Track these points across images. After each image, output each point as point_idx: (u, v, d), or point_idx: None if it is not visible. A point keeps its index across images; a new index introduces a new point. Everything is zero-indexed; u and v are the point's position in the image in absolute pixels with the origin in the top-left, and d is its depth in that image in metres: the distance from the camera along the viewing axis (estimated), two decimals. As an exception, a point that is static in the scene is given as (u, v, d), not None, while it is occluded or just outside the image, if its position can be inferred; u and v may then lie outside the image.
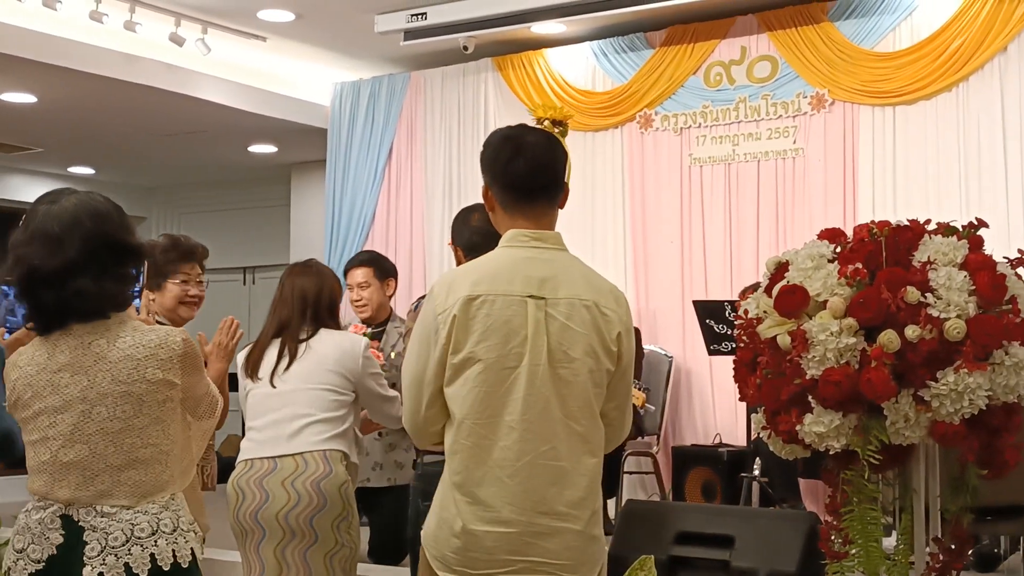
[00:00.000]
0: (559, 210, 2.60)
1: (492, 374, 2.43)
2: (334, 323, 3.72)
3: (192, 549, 2.36)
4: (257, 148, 9.48)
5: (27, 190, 9.82)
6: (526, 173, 2.53)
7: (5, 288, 2.96)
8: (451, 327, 2.44)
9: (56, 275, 2.28)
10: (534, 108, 4.34)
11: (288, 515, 3.42)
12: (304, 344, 3.62)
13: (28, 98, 7.81)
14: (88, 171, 10.49)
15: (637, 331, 6.78)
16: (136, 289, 2.47)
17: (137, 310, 2.78)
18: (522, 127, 2.66)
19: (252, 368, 3.65)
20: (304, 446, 3.49)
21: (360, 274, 5.06)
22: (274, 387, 3.58)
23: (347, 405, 3.60)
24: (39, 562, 2.29)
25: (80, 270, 2.28)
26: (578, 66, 7.62)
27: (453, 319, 2.44)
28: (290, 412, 3.54)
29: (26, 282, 2.31)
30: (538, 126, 2.95)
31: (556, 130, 5.42)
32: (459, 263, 3.48)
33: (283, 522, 3.43)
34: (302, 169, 9.89)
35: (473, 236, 3.57)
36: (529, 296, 2.44)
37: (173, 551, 2.31)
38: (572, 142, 7.50)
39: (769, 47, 7.04)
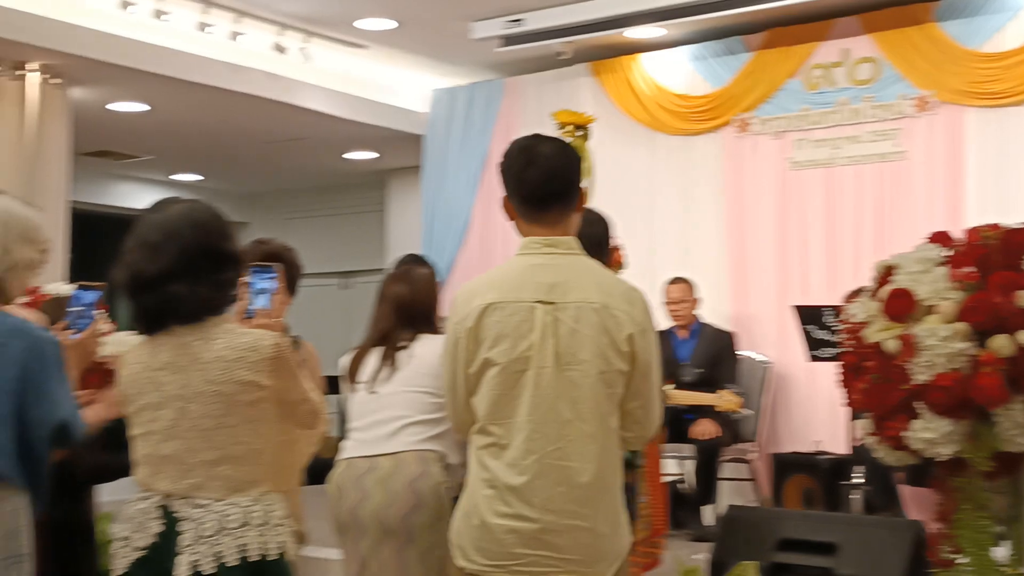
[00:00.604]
0: (577, 214, 2.68)
1: (504, 378, 2.54)
2: (430, 328, 3.76)
3: (281, 543, 2.46)
4: (355, 155, 9.64)
5: (137, 197, 10.12)
6: (539, 182, 2.61)
7: (78, 292, 3.08)
8: (466, 339, 2.58)
9: (155, 280, 2.44)
10: (556, 113, 4.33)
11: (383, 514, 3.48)
12: (405, 351, 3.68)
13: (140, 107, 8.06)
14: (195, 178, 10.77)
15: (733, 335, 6.74)
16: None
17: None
18: (536, 137, 2.72)
19: (352, 374, 3.73)
20: (400, 446, 3.54)
21: None
22: (374, 392, 3.66)
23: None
24: (141, 549, 2.43)
25: (176, 277, 2.43)
26: (675, 70, 7.59)
27: (468, 331, 2.58)
28: (388, 414, 3.60)
29: (130, 286, 2.47)
30: (558, 133, 2.98)
31: (579, 134, 5.40)
32: None
33: (379, 521, 3.49)
34: (399, 175, 10.03)
35: None
36: (537, 301, 2.54)
37: (262, 543, 2.42)
38: (668, 146, 7.57)
39: (871, 48, 6.93)
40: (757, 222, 7.24)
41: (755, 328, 7.17)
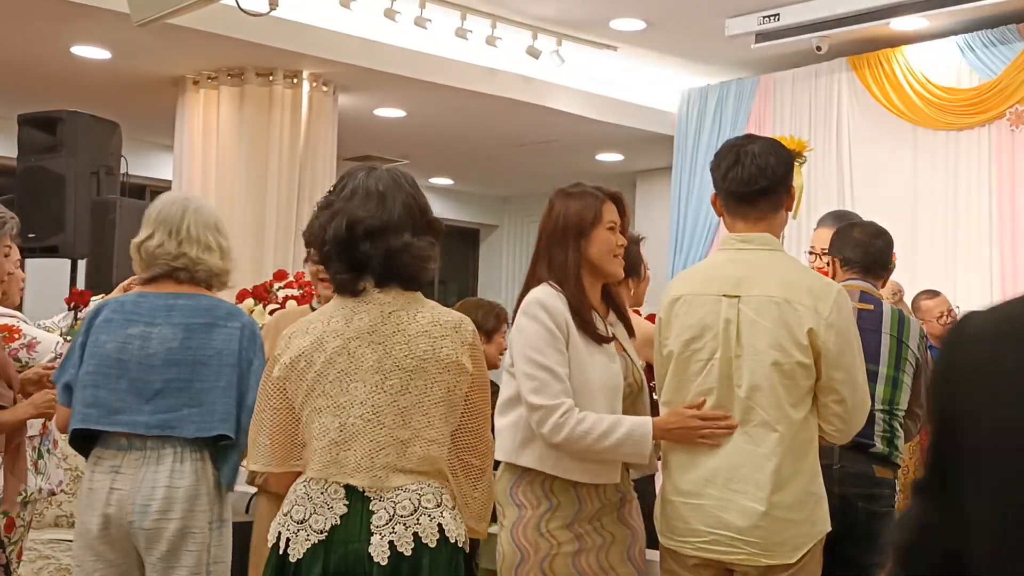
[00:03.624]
0: (786, 212, 2.75)
1: (688, 365, 2.67)
2: None
3: (466, 534, 2.31)
4: (604, 156, 9.70)
5: (393, 200, 10.55)
6: (743, 180, 2.68)
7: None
8: (659, 328, 2.77)
9: (380, 229, 2.28)
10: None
11: None
12: None
13: (398, 112, 8.41)
14: (447, 182, 11.13)
15: None
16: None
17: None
18: (748, 137, 2.81)
19: None
20: None
21: None
22: None
23: None
24: (320, 532, 2.23)
25: (402, 228, 2.30)
26: (941, 62, 7.24)
27: (659, 320, 2.77)
28: None
29: (346, 234, 2.28)
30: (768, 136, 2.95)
31: (798, 161, 5.20)
32: (834, 276, 3.42)
33: None
34: (647, 176, 10.02)
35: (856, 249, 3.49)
36: (723, 295, 2.64)
37: (457, 526, 2.27)
38: (933, 142, 7.20)
39: None
40: (1032, 221, 6.80)
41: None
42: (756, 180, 2.68)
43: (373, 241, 2.27)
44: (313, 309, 3.29)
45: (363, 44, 7.17)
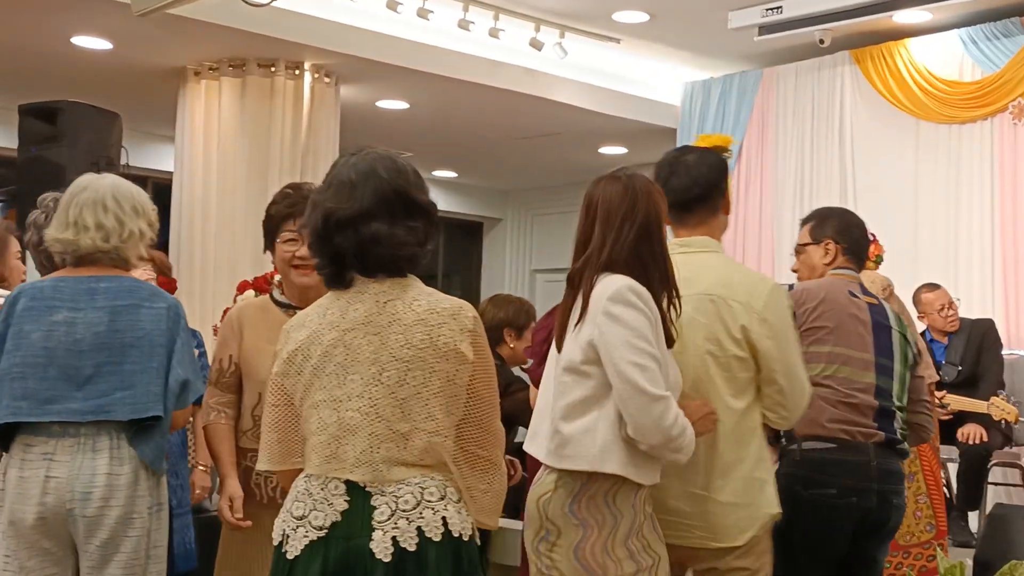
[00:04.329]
0: (724, 215, 2.93)
1: None
2: None
3: (473, 526, 2.27)
4: (608, 149, 9.70)
5: (396, 192, 10.56)
6: (680, 189, 2.86)
7: None
8: None
9: (350, 220, 2.24)
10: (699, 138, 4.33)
11: None
12: None
13: (401, 105, 8.41)
14: (451, 175, 11.13)
15: (992, 323, 6.27)
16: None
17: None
18: (683, 148, 3.05)
19: None
20: None
21: None
22: None
23: None
24: (320, 529, 2.20)
25: (374, 216, 2.24)
26: (944, 55, 7.24)
27: None
28: None
29: (322, 227, 2.27)
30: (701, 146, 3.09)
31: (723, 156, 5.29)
32: (832, 261, 3.46)
33: None
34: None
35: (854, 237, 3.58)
36: None
37: (462, 520, 2.23)
38: (935, 135, 7.19)
39: None
40: (1034, 215, 6.79)
41: (1029, 327, 6.73)
42: (690, 189, 2.86)
43: (344, 232, 2.25)
44: (273, 298, 3.24)
45: (365, 35, 7.17)
